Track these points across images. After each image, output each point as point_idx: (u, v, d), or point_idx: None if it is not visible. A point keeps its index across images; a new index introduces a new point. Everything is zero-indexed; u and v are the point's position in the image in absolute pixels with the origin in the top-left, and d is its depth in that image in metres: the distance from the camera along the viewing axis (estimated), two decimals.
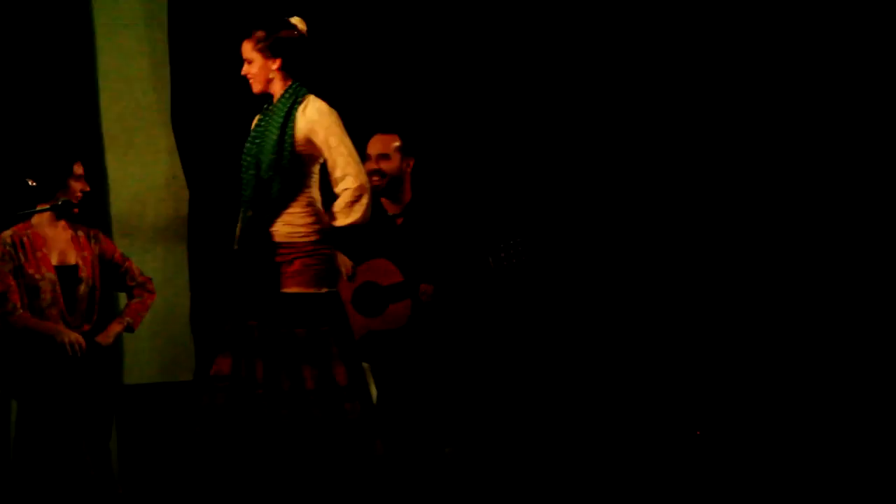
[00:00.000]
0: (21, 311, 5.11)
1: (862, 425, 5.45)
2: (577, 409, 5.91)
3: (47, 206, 5.15)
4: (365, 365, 5.07)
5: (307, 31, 4.64)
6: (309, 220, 4.58)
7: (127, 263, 5.41)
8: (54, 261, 5.19)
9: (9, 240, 5.17)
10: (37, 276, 5.14)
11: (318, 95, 4.64)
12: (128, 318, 5.35)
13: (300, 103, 4.60)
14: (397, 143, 5.27)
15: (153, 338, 6.41)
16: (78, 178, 5.19)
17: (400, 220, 5.30)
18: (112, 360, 5.50)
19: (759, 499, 5.00)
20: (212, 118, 6.38)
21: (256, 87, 4.68)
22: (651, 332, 6.00)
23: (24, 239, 5.18)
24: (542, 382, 5.98)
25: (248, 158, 4.66)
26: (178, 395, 6.20)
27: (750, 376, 5.79)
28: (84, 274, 5.23)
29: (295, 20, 4.64)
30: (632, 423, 5.82)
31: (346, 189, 4.53)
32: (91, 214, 5.52)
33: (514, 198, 6.17)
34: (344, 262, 5.10)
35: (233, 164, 6.39)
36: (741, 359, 5.84)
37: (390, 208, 5.33)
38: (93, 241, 5.33)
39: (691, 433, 5.68)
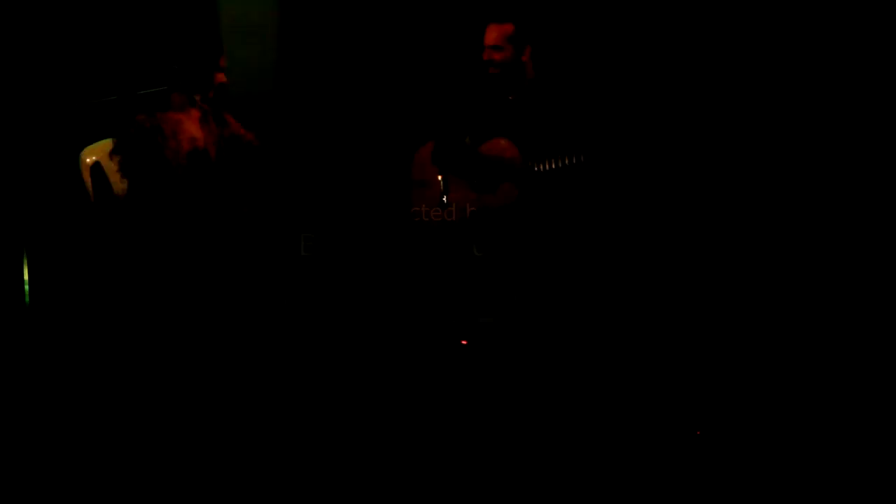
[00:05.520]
0: None
1: (862, 425, 5.28)
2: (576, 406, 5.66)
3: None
4: None
5: None
6: None
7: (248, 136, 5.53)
8: (186, 146, 5.25)
9: (147, 123, 5.19)
10: (172, 159, 5.18)
11: None
12: None
13: None
14: (510, 33, 5.27)
15: None
16: (221, 70, 5.26)
17: (514, 99, 5.36)
18: None
19: (759, 499, 4.84)
20: None
21: None
22: (651, 330, 5.85)
23: (162, 124, 5.22)
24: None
25: None
26: None
27: (750, 376, 5.67)
28: (212, 157, 5.31)
29: None
30: (631, 423, 5.58)
31: None
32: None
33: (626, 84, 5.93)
34: None
35: None
36: (741, 358, 5.73)
37: (511, 94, 5.37)
38: (219, 123, 5.39)
39: (692, 433, 5.48)
